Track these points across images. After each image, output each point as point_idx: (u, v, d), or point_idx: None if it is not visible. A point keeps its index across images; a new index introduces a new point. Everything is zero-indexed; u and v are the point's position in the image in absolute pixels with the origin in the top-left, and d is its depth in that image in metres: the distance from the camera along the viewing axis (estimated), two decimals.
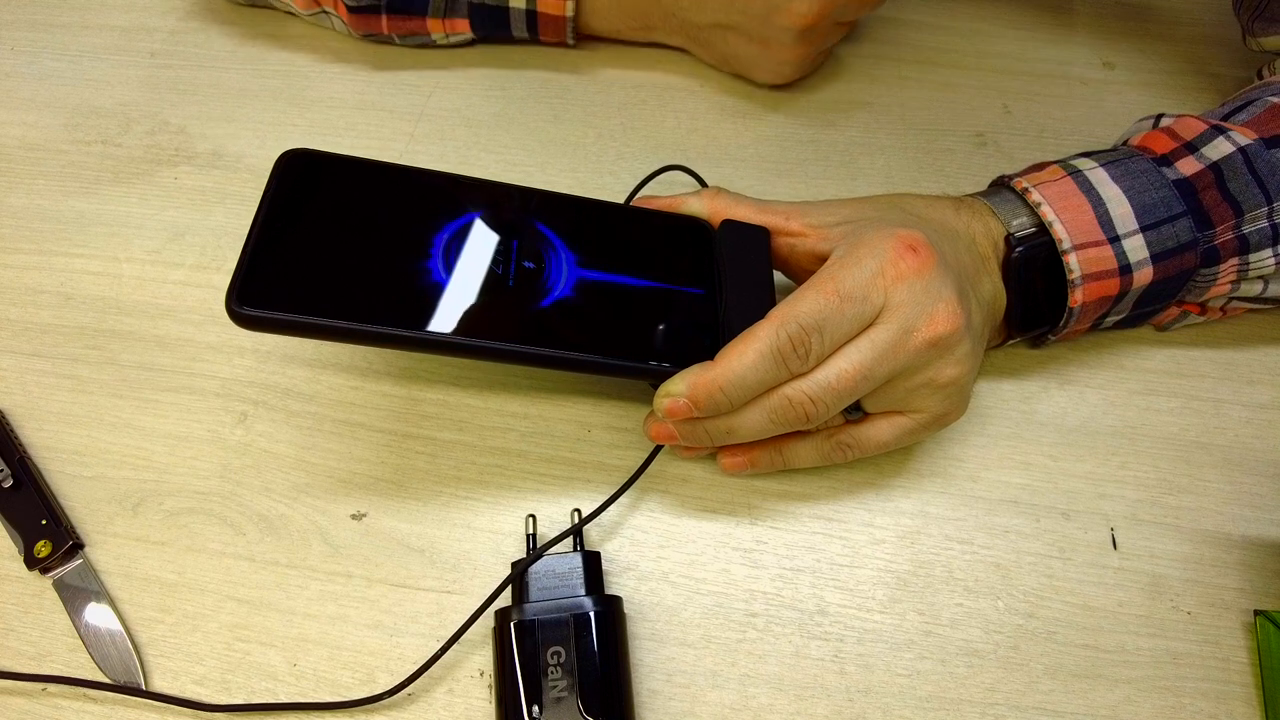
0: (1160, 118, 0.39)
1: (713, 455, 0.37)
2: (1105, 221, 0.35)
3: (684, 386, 0.31)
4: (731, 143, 0.49)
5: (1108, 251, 0.34)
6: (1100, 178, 0.36)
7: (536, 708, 0.29)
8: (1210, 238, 0.35)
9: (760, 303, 0.34)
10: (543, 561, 0.33)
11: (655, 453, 0.36)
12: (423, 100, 0.51)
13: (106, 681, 0.32)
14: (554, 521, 0.36)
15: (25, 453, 0.37)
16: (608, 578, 0.34)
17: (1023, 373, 0.40)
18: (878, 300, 0.31)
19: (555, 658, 0.30)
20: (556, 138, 0.49)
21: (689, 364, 0.32)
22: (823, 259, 0.33)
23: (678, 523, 0.36)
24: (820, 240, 0.34)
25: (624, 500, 0.36)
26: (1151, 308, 0.37)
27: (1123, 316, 0.38)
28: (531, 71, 0.52)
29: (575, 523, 0.34)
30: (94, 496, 0.36)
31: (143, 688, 0.32)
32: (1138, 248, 0.35)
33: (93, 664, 0.32)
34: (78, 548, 0.35)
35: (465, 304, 0.31)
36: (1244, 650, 0.33)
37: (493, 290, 0.32)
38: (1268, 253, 0.36)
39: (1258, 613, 0.34)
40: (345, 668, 0.33)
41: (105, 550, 0.35)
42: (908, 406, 0.33)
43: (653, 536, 0.36)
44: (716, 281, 0.35)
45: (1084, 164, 0.36)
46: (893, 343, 0.31)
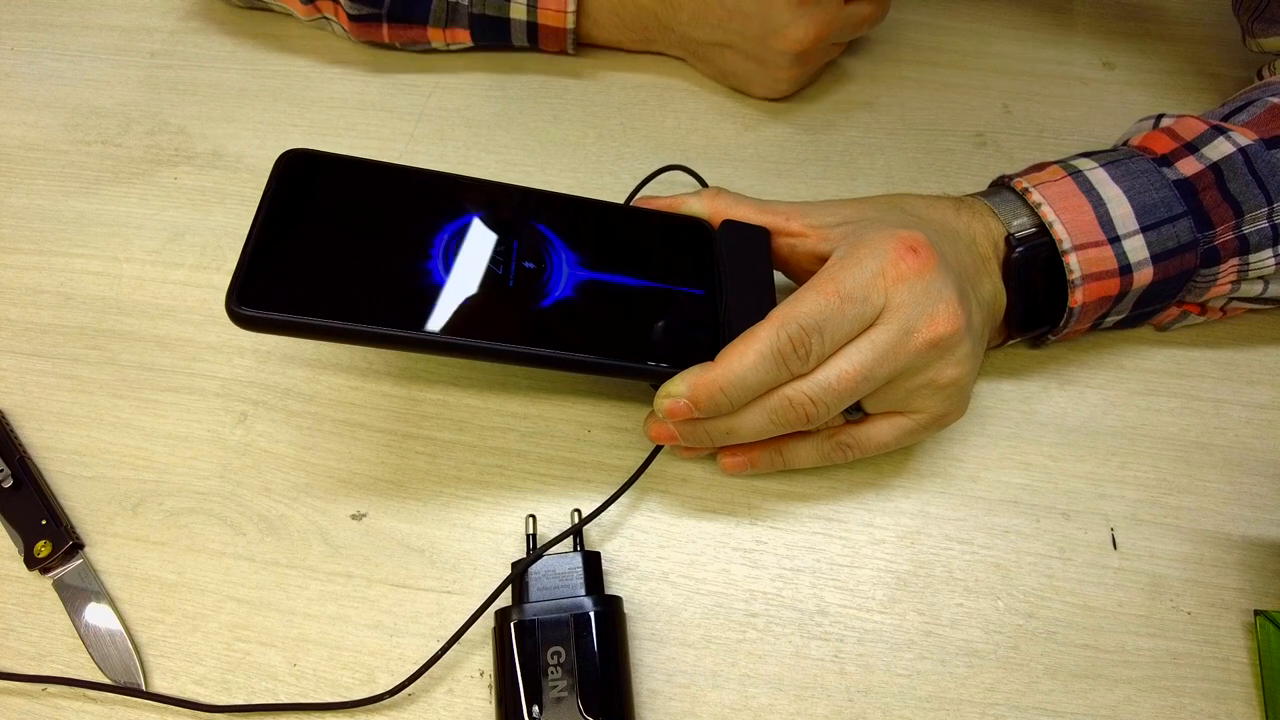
0: (1160, 118, 0.39)
1: (713, 455, 0.37)
2: (1105, 222, 0.35)
3: (684, 387, 0.31)
4: (731, 143, 0.49)
5: (1108, 252, 0.34)
6: (1100, 178, 0.36)
7: (536, 708, 0.29)
8: (1210, 238, 0.35)
9: (760, 303, 0.34)
10: (543, 561, 0.33)
11: (655, 453, 0.36)
12: (422, 100, 0.51)
13: (106, 682, 0.32)
14: (554, 521, 0.36)
15: (25, 453, 0.37)
16: (608, 578, 0.34)
17: (1023, 373, 0.40)
18: (878, 301, 0.31)
19: (555, 658, 0.30)
20: (556, 138, 0.49)
21: (689, 364, 0.32)
22: (823, 259, 0.33)
23: (678, 523, 0.36)
24: (821, 241, 0.34)
25: (624, 500, 0.36)
26: (1152, 308, 0.37)
27: (1123, 317, 0.38)
28: (531, 72, 0.52)
29: (575, 523, 0.34)
30: (94, 496, 0.36)
31: (143, 688, 0.32)
32: (1138, 248, 0.35)
33: (93, 664, 0.32)
34: (78, 548, 0.35)
35: (465, 304, 0.31)
36: (1244, 650, 0.33)
37: (493, 291, 0.32)
38: (1268, 253, 0.36)
39: (1258, 613, 0.34)
40: (345, 668, 0.33)
41: (105, 550, 0.35)
42: (908, 407, 0.33)
43: (653, 536, 0.36)
44: (717, 282, 0.35)
45: (1084, 164, 0.36)
46: (893, 343, 0.31)
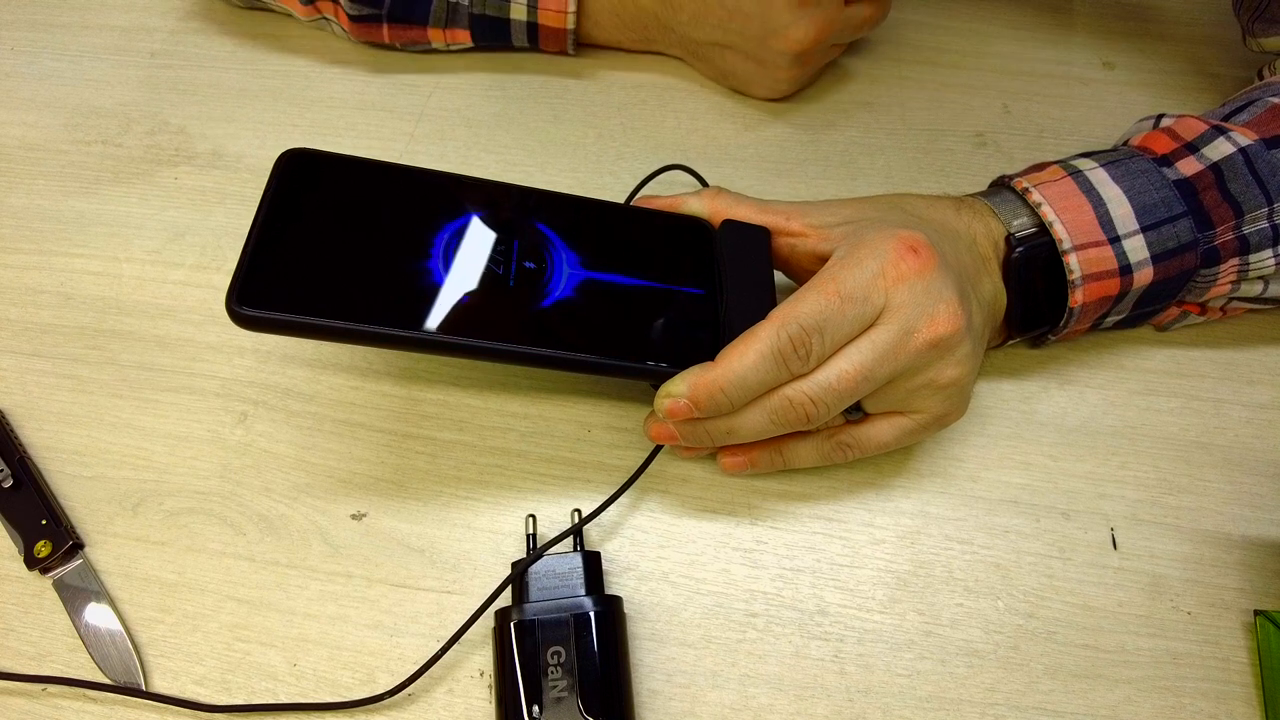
0: (1161, 118, 0.39)
1: (713, 455, 0.37)
2: (1106, 222, 0.35)
3: (685, 387, 0.31)
4: (731, 143, 0.49)
5: (1108, 252, 0.34)
6: (1101, 178, 0.36)
7: (536, 708, 0.29)
8: (1210, 238, 0.35)
9: (761, 303, 0.34)
10: (543, 561, 0.33)
11: (655, 453, 0.36)
12: (423, 100, 0.51)
13: (106, 682, 0.32)
14: (554, 521, 0.36)
15: (25, 453, 0.37)
16: (608, 578, 0.34)
17: (1023, 373, 0.40)
18: (878, 301, 0.31)
19: (555, 658, 0.30)
20: (556, 138, 0.49)
21: (689, 364, 0.32)
22: (823, 259, 0.33)
23: (678, 523, 0.36)
24: (821, 240, 0.34)
25: (624, 500, 0.36)
26: (1152, 308, 0.37)
27: (1123, 317, 0.38)
28: (531, 72, 0.52)
29: (575, 523, 0.34)
30: (94, 496, 0.36)
31: (143, 688, 0.32)
32: (1138, 248, 0.35)
33: (93, 664, 0.32)
34: (78, 548, 0.35)
35: (466, 304, 0.31)
36: (1244, 650, 0.33)
37: (493, 290, 0.32)
38: (1268, 253, 0.36)
39: (1258, 613, 0.34)
40: (345, 668, 0.33)
41: (105, 550, 0.35)
42: (908, 407, 0.33)
43: (653, 536, 0.36)
44: (717, 282, 0.35)
45: (1084, 164, 0.36)
46: (893, 344, 0.31)
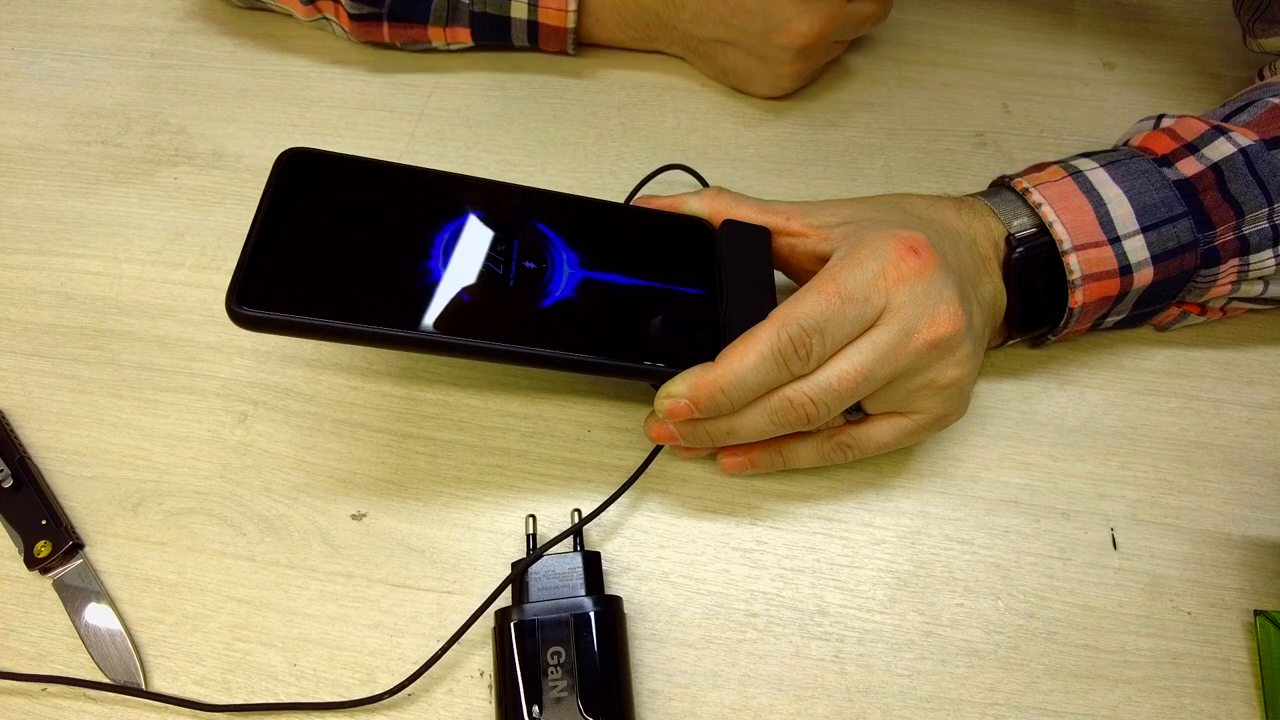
0: (1161, 118, 0.39)
1: (713, 455, 0.37)
2: (1106, 222, 0.35)
3: (685, 388, 0.31)
4: (731, 143, 0.49)
5: (1108, 252, 0.34)
6: (1101, 178, 0.36)
7: (536, 708, 0.29)
8: (1211, 238, 0.35)
9: (761, 303, 0.34)
10: (543, 561, 0.33)
11: (655, 453, 0.36)
12: (423, 100, 0.51)
13: (106, 681, 0.32)
14: (554, 521, 0.36)
15: (25, 453, 0.37)
16: (608, 578, 0.34)
17: (1023, 373, 0.40)
18: (879, 302, 0.31)
19: (555, 658, 0.30)
20: (556, 138, 0.49)
21: (690, 365, 0.32)
22: (824, 259, 0.33)
23: (678, 523, 0.36)
24: (821, 241, 0.34)
25: (624, 500, 0.36)
26: (1152, 308, 0.37)
27: (1123, 317, 0.38)
28: (531, 72, 0.52)
29: (575, 523, 0.34)
30: (94, 496, 0.36)
31: (143, 688, 0.32)
32: (1138, 248, 0.35)
33: (93, 664, 0.32)
34: (78, 548, 0.35)
35: (466, 304, 0.31)
36: (1244, 650, 0.33)
37: (493, 290, 0.32)
38: (1268, 253, 0.36)
39: (1258, 613, 0.34)
40: (345, 668, 0.33)
41: (105, 550, 0.35)
42: (908, 407, 0.33)
43: (653, 536, 0.36)
44: (717, 282, 0.35)
45: (1085, 164, 0.36)
46: (894, 344, 0.31)
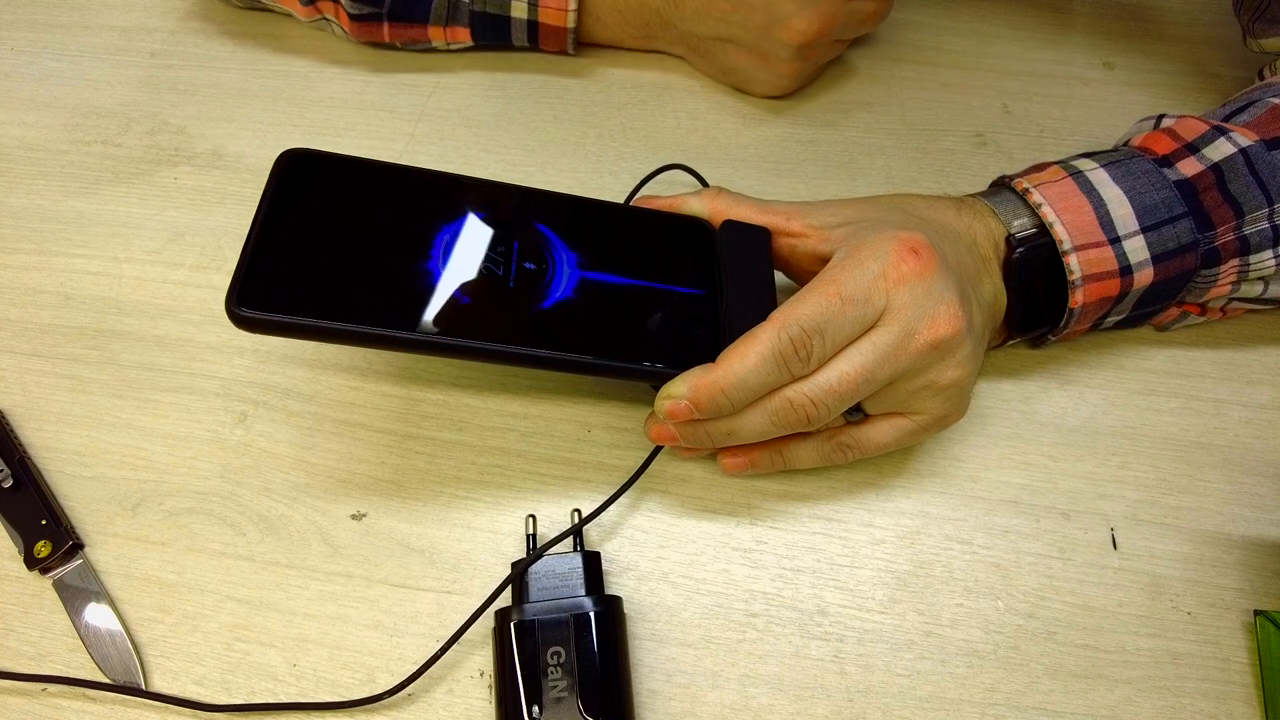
0: (1161, 118, 0.39)
1: (713, 455, 0.37)
2: (1106, 222, 0.35)
3: (685, 389, 0.31)
4: (731, 143, 0.49)
5: (1108, 252, 0.34)
6: (1101, 178, 0.36)
7: (536, 708, 0.29)
8: (1211, 239, 0.35)
9: (761, 304, 0.34)
10: (543, 561, 0.33)
11: (655, 453, 0.36)
12: (423, 100, 0.51)
13: (106, 681, 0.32)
14: (554, 521, 0.36)
15: (25, 453, 0.37)
16: (608, 578, 0.34)
17: (1023, 373, 0.40)
18: (879, 303, 0.31)
19: (555, 658, 0.30)
20: (556, 138, 0.49)
21: (690, 365, 0.32)
22: (824, 260, 0.33)
23: (678, 523, 0.36)
24: (821, 241, 0.34)
25: (624, 500, 0.36)
26: (1152, 308, 0.37)
27: (1123, 317, 0.38)
28: (531, 72, 0.52)
29: (575, 523, 0.34)
30: (94, 496, 0.36)
31: (143, 688, 0.32)
32: (1138, 249, 0.35)
33: (93, 664, 0.32)
34: (78, 548, 0.35)
35: (466, 305, 0.31)
36: (1244, 650, 0.33)
37: (493, 291, 0.32)
38: (1268, 254, 0.36)
39: (1258, 613, 0.34)
40: (345, 668, 0.33)
41: (105, 550, 0.35)
42: (908, 408, 0.33)
43: (653, 536, 0.36)
44: (717, 282, 0.35)
45: (1085, 165, 0.36)
46: (894, 345, 0.31)
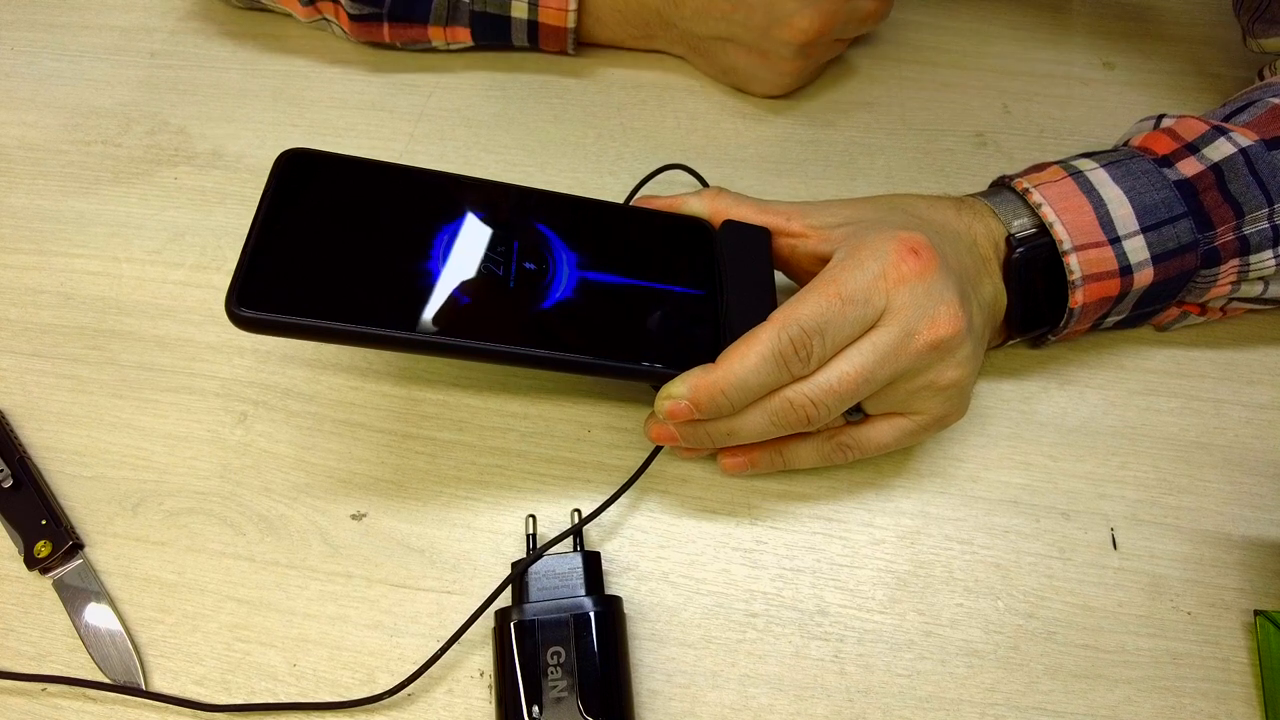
0: (1161, 118, 0.39)
1: (713, 455, 0.37)
2: (1106, 222, 0.35)
3: (685, 389, 0.31)
4: (731, 143, 0.49)
5: (1108, 252, 0.34)
6: (1101, 178, 0.36)
7: (536, 708, 0.29)
8: (1211, 239, 0.35)
9: (761, 304, 0.34)
10: (543, 561, 0.33)
11: (655, 453, 0.36)
12: (423, 100, 0.51)
13: (106, 681, 0.32)
14: (554, 521, 0.36)
15: (25, 453, 0.37)
16: (608, 578, 0.34)
17: (1023, 373, 0.40)
18: (879, 303, 0.31)
19: (555, 658, 0.30)
20: (556, 138, 0.49)
21: (690, 366, 0.32)
22: (824, 260, 0.33)
23: (678, 523, 0.36)
24: (821, 241, 0.34)
25: (624, 500, 0.36)
26: (1152, 308, 0.37)
27: (1123, 317, 0.38)
28: (531, 72, 0.52)
29: (575, 523, 0.34)
30: (94, 496, 0.36)
31: (143, 688, 0.32)
32: (1138, 249, 0.35)
33: (93, 664, 0.32)
34: (78, 548, 0.35)
35: (466, 305, 0.31)
36: (1244, 650, 0.33)
37: (493, 291, 0.32)
38: (1268, 254, 0.36)
39: (1258, 613, 0.34)
40: (345, 668, 0.33)
41: (105, 550, 0.35)
42: (908, 408, 0.33)
43: (653, 536, 0.36)
44: (717, 282, 0.35)
45: (1085, 165, 0.36)
46: (894, 345, 0.31)
